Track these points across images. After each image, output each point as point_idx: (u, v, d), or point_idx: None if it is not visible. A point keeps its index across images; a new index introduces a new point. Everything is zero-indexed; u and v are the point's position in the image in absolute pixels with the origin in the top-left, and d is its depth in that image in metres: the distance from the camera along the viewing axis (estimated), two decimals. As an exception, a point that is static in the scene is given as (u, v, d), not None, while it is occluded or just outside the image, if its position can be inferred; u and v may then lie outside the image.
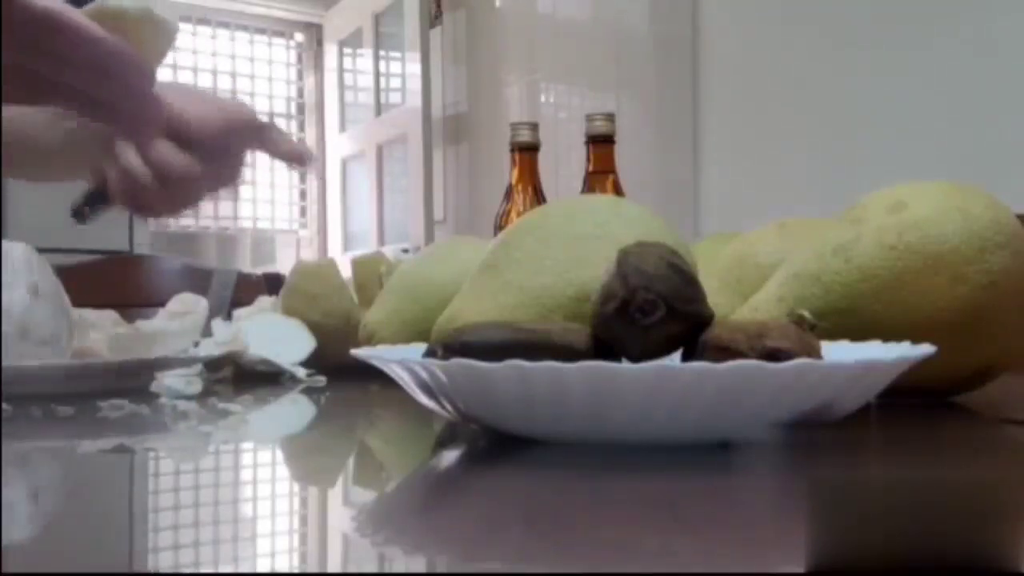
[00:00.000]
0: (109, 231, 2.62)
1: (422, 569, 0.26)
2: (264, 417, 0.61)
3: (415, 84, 3.20)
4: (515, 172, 1.01)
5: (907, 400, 0.51)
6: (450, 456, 0.43)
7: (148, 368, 0.68)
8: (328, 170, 3.84)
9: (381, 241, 3.45)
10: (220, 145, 0.70)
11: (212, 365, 0.77)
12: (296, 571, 0.27)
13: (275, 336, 0.77)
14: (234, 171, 0.73)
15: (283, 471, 0.43)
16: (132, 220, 2.69)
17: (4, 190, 2.49)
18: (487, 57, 2.97)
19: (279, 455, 0.47)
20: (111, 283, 1.60)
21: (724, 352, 0.38)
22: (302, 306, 0.80)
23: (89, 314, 0.75)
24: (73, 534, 0.29)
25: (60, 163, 0.78)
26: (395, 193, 3.42)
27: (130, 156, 0.67)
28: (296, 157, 0.77)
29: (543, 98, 2.81)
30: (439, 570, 0.26)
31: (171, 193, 0.69)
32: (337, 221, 3.80)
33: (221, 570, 0.26)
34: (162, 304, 0.77)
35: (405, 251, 3.02)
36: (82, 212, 0.73)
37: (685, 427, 0.37)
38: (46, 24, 0.55)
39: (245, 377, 0.75)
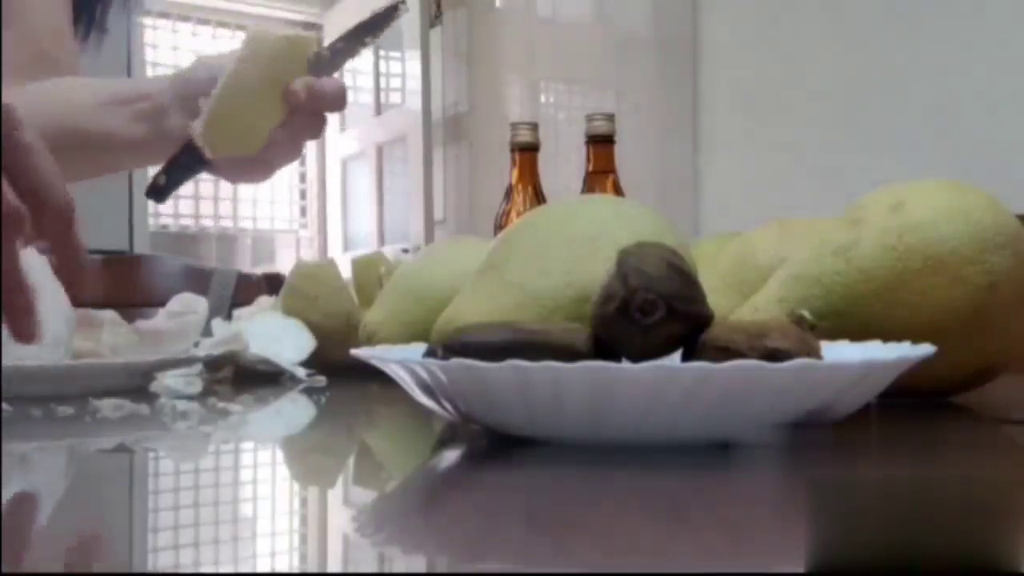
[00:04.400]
0: (109, 231, 2.62)
1: (422, 569, 0.26)
2: (264, 417, 0.61)
3: (415, 84, 3.20)
4: (515, 172, 1.01)
5: (907, 400, 0.51)
6: (450, 456, 0.43)
7: (148, 368, 0.68)
8: (328, 170, 3.84)
9: (381, 241, 3.45)
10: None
11: (212, 365, 0.77)
12: (296, 571, 0.27)
13: (275, 336, 0.77)
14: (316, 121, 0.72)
15: (283, 471, 0.43)
16: (132, 220, 2.69)
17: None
18: (487, 57, 2.97)
19: (279, 455, 0.47)
20: (111, 283, 1.60)
21: (724, 352, 0.38)
22: (302, 306, 0.80)
23: (89, 314, 0.75)
24: (73, 534, 0.29)
25: (133, 149, 0.77)
26: (395, 193, 3.42)
27: None
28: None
29: (543, 98, 2.81)
30: (439, 570, 0.26)
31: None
32: (337, 221, 3.80)
33: (221, 570, 0.26)
34: (162, 304, 0.77)
35: (405, 251, 3.02)
36: (158, 186, 0.72)
37: (685, 427, 0.37)
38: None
39: (245, 377, 0.75)
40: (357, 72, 3.72)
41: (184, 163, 0.71)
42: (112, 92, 0.76)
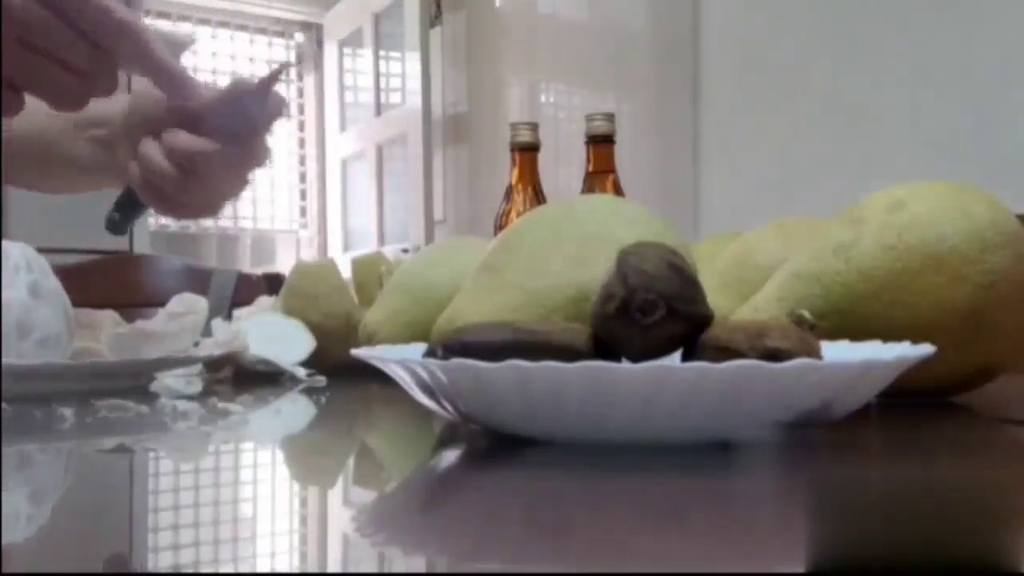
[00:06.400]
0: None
1: (422, 569, 0.26)
2: (264, 417, 0.60)
3: (415, 84, 3.20)
4: (515, 172, 1.01)
5: (907, 400, 0.51)
6: (450, 456, 0.43)
7: (148, 368, 0.68)
8: (328, 170, 3.84)
9: (381, 241, 3.45)
10: (233, 122, 0.66)
11: (212, 365, 0.77)
12: (296, 571, 0.27)
13: (275, 336, 0.77)
14: (256, 149, 0.68)
15: (283, 471, 0.43)
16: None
17: (4, 190, 2.49)
18: (487, 57, 2.97)
19: (279, 455, 0.47)
20: (111, 283, 1.60)
21: (724, 352, 0.38)
22: (302, 306, 0.80)
23: (89, 314, 0.75)
24: (73, 534, 0.29)
25: (84, 173, 0.77)
26: (395, 193, 3.42)
27: (153, 153, 0.65)
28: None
29: (543, 98, 2.81)
30: (439, 570, 0.26)
31: (201, 186, 0.66)
32: (337, 221, 3.80)
33: (221, 570, 0.26)
34: (162, 304, 0.77)
35: (405, 251, 3.02)
36: (115, 221, 0.71)
37: (685, 427, 0.37)
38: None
39: (245, 377, 0.75)
40: (358, 72, 3.72)
41: (131, 202, 0.71)
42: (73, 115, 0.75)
